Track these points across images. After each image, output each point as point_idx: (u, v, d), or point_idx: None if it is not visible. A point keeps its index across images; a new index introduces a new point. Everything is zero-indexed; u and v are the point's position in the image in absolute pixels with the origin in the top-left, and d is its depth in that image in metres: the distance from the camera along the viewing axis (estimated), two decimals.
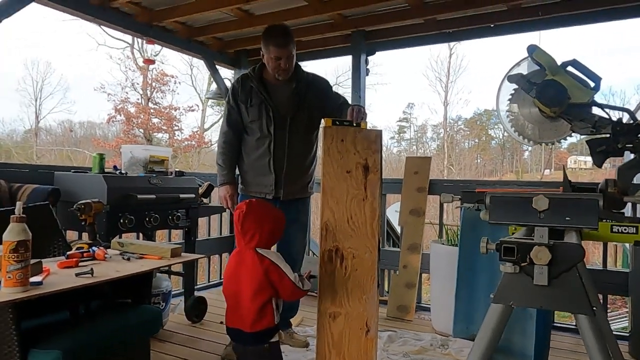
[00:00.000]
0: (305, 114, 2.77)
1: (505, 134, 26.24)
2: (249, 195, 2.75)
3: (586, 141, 1.90)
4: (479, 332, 1.40)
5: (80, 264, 1.84)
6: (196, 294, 3.45)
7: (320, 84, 2.85)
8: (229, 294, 1.97)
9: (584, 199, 1.18)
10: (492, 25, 3.71)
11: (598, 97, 1.90)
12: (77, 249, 2.02)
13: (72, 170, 3.07)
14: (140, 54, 17.70)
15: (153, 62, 6.49)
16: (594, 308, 1.20)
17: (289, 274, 1.93)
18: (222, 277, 4.44)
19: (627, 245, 7.81)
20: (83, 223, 2.23)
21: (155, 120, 17.51)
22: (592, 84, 1.87)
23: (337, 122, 2.36)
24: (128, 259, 1.99)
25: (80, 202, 2.22)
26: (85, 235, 2.81)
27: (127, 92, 17.69)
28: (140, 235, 3.22)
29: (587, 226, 1.18)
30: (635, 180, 1.86)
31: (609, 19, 3.40)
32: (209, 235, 4.43)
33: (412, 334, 3.15)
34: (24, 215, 1.50)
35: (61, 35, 30.35)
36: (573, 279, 1.19)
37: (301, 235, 2.96)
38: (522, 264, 1.21)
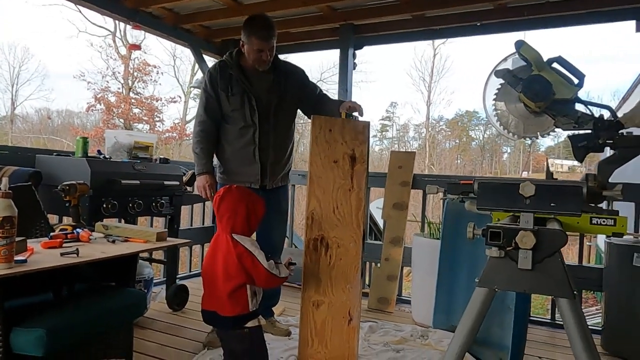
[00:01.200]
0: (286, 103, 2.77)
1: (485, 135, 26.69)
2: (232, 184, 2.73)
3: (568, 136, 1.95)
4: (462, 317, 1.44)
5: (65, 245, 1.82)
6: (177, 282, 3.43)
7: (297, 74, 2.84)
8: (205, 276, 1.99)
9: (569, 186, 1.23)
10: (478, 24, 3.77)
11: (581, 95, 1.95)
12: (61, 230, 2.00)
13: (55, 154, 3.02)
14: (122, 42, 17.44)
15: (139, 47, 6.42)
16: (575, 292, 1.25)
17: (262, 261, 1.93)
18: None
19: (600, 245, 8.04)
20: (67, 205, 2.20)
21: (136, 110, 17.30)
22: (576, 81, 1.92)
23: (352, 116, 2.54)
24: (113, 242, 1.97)
25: (65, 183, 2.19)
26: (66, 220, 2.77)
27: (107, 81, 17.44)
28: (123, 221, 3.18)
29: (571, 212, 1.22)
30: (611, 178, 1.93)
31: (592, 22, 3.49)
32: (191, 225, 4.40)
33: (393, 325, 3.19)
34: (9, 192, 1.48)
35: (41, 21, 29.61)
36: (556, 263, 1.23)
37: (282, 223, 2.98)
38: (508, 249, 1.25)
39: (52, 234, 1.94)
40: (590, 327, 2.90)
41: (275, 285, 2.19)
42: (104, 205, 2.70)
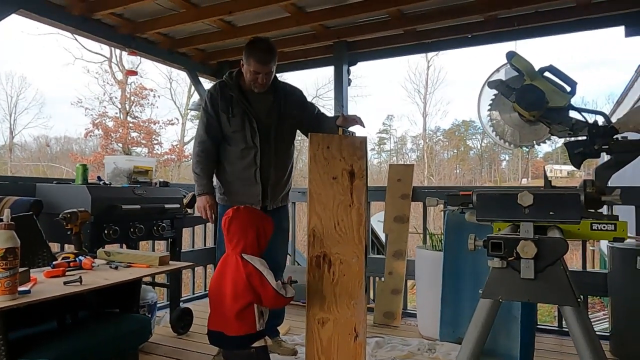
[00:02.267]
0: (286, 125, 2.79)
1: (483, 144, 26.77)
2: (233, 205, 2.72)
3: (564, 143, 1.97)
4: (468, 328, 1.43)
5: (68, 273, 1.82)
6: (181, 305, 3.42)
7: (296, 95, 2.87)
8: (212, 296, 2.01)
9: (566, 194, 1.24)
10: (469, 36, 3.82)
11: (574, 102, 1.97)
12: (63, 258, 2.00)
13: (55, 182, 3.03)
14: (119, 67, 17.59)
15: (136, 73, 6.46)
16: (579, 300, 1.25)
17: (271, 280, 1.95)
18: (207, 289, 4.41)
19: (604, 249, 8.01)
20: (69, 233, 2.20)
21: (134, 134, 17.35)
22: (568, 89, 1.94)
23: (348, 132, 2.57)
24: (116, 268, 1.97)
25: (67, 211, 2.20)
26: (68, 247, 2.77)
27: (105, 107, 17.54)
28: (124, 246, 3.18)
29: (570, 220, 1.23)
30: (610, 182, 1.94)
31: (581, 29, 3.54)
32: (193, 247, 4.39)
33: (400, 339, 3.17)
34: (12, 223, 1.49)
35: (37, 50, 29.89)
36: (558, 272, 1.23)
37: (284, 242, 2.99)
38: (509, 259, 1.25)
39: (54, 262, 1.94)
40: (598, 332, 2.89)
41: (282, 306, 2.19)
42: (106, 232, 2.70)
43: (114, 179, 3.18)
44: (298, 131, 2.93)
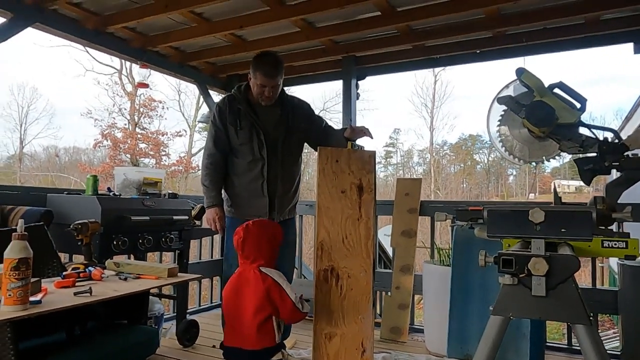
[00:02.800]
0: (294, 137, 2.81)
1: (490, 158, 26.70)
2: (241, 218, 2.65)
3: (574, 160, 1.97)
4: (479, 345, 1.42)
5: (77, 284, 1.83)
6: (188, 317, 3.41)
7: (304, 108, 2.89)
8: (228, 312, 2.01)
9: (578, 211, 1.23)
10: (477, 52, 3.84)
11: (584, 115, 1.98)
12: (73, 269, 2.01)
13: (65, 192, 3.06)
14: (128, 79, 17.80)
15: (147, 85, 6.51)
16: (591, 318, 1.24)
17: (290, 294, 1.97)
18: (212, 301, 4.40)
19: (613, 266, 7.93)
20: (79, 243, 2.22)
21: (142, 145, 17.48)
22: (578, 105, 1.94)
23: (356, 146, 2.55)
24: (125, 279, 1.98)
25: (77, 222, 2.22)
26: (76, 258, 2.79)
27: (114, 118, 17.71)
28: (132, 257, 3.19)
29: (582, 237, 1.22)
30: (621, 199, 1.93)
31: (590, 45, 3.55)
32: (200, 259, 4.40)
33: (407, 355, 3.14)
34: (25, 233, 1.50)
35: (49, 61, 30.32)
36: (570, 289, 1.23)
37: (291, 255, 2.98)
38: (521, 275, 1.25)
39: (64, 273, 1.95)
40: (608, 351, 2.85)
41: (298, 320, 2.17)
42: (115, 242, 2.72)
43: (124, 190, 3.20)
44: (306, 144, 2.95)
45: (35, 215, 2.57)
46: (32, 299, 1.52)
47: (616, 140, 1.91)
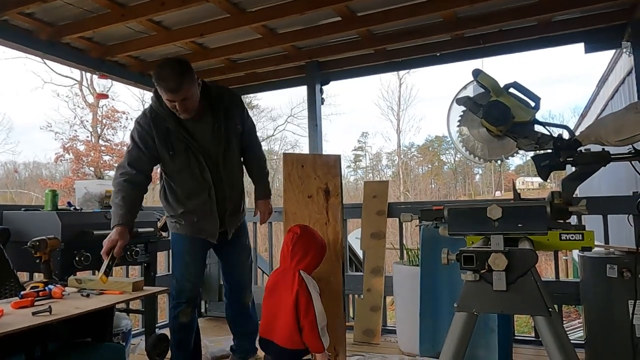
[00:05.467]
0: (232, 149, 2.57)
1: (456, 159, 27.29)
2: (189, 235, 2.56)
3: (531, 157, 2.03)
4: (445, 342, 1.44)
5: (37, 303, 1.77)
6: (157, 331, 3.33)
7: (236, 108, 2.60)
8: (267, 307, 2.16)
9: (533, 206, 1.27)
10: (437, 54, 3.92)
11: (539, 117, 2.04)
12: (32, 288, 1.94)
13: (23, 209, 2.95)
14: (89, 90, 17.35)
15: (107, 96, 6.42)
16: (550, 310, 1.27)
17: (317, 305, 2.07)
18: None
19: (576, 257, 8.20)
20: (38, 261, 2.14)
21: (106, 157, 17.07)
22: (532, 104, 2.00)
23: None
24: (87, 296, 1.92)
25: (35, 238, 2.14)
26: (37, 276, 2.69)
27: (75, 130, 17.23)
28: (96, 273, 3.10)
29: (537, 231, 1.26)
30: (577, 193, 2.00)
31: (543, 46, 3.68)
32: (169, 271, 4.30)
33: (380, 356, 3.16)
34: None
35: (4, 74, 29.28)
36: (529, 282, 1.26)
37: (248, 258, 2.88)
38: (482, 271, 1.27)
39: (22, 292, 1.87)
40: (574, 341, 2.94)
41: (313, 343, 2.10)
42: (77, 258, 2.64)
43: (85, 204, 3.12)
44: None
45: None
46: None
47: (570, 137, 1.98)
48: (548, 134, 2.00)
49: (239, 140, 2.64)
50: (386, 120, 31.21)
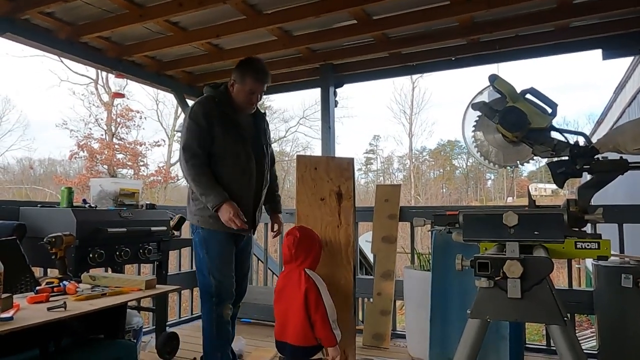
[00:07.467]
0: (268, 150, 2.72)
1: (469, 163, 27.10)
2: (222, 230, 2.48)
3: (547, 164, 2.01)
4: (457, 349, 1.43)
5: (51, 298, 1.79)
6: (167, 330, 3.36)
7: (265, 121, 2.80)
8: (278, 310, 2.23)
9: (550, 214, 1.26)
10: (453, 58, 3.90)
11: (556, 123, 2.02)
12: (47, 283, 1.96)
13: (39, 205, 2.99)
14: (105, 89, 17.54)
15: (123, 95, 6.48)
16: (565, 318, 1.26)
17: (326, 301, 2.13)
18: (193, 313, 4.34)
19: (589, 267, 8.09)
20: (53, 257, 2.16)
21: (119, 155, 17.22)
22: (549, 110, 1.99)
23: None
24: (103, 293, 1.94)
25: (51, 235, 2.17)
26: (51, 272, 2.72)
27: (90, 128, 17.42)
28: (110, 270, 3.13)
29: (554, 239, 1.24)
30: (593, 201, 1.98)
31: (560, 52, 3.64)
32: (180, 270, 4.34)
33: None
34: None
35: (22, 72, 29.76)
36: (544, 291, 1.25)
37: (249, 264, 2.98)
38: (496, 278, 1.26)
39: (38, 288, 1.90)
40: (586, 351, 2.89)
41: (325, 336, 2.16)
42: (91, 255, 2.66)
43: (100, 202, 3.15)
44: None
45: (7, 229, 2.50)
46: (3, 315, 1.48)
47: (587, 144, 1.96)
48: (564, 140, 1.98)
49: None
50: (398, 124, 31.09)
